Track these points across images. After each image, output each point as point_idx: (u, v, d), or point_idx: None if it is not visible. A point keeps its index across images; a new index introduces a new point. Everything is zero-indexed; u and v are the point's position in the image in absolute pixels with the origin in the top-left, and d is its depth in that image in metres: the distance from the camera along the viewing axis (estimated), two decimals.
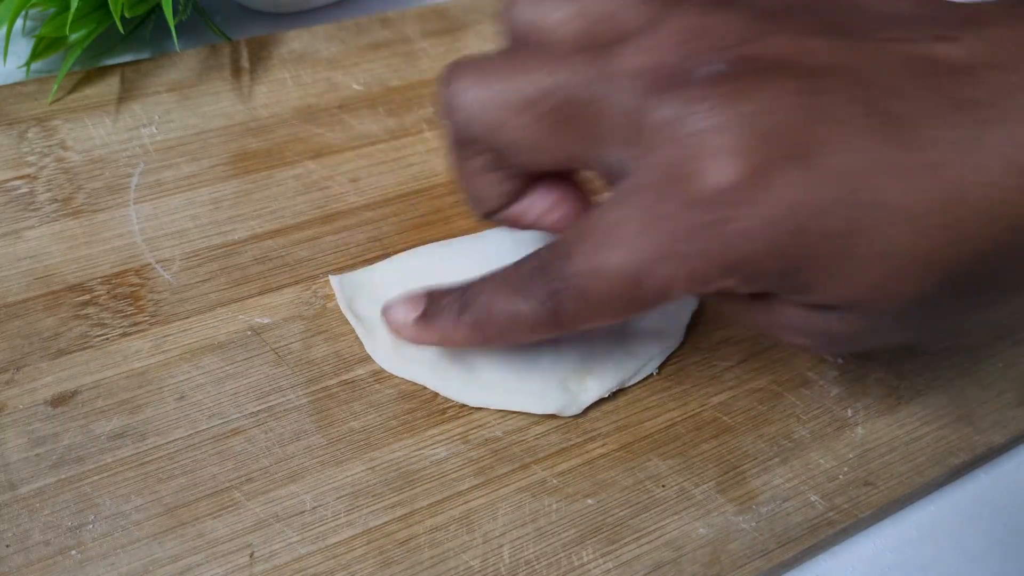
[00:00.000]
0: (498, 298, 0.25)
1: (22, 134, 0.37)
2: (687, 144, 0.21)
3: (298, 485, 0.27)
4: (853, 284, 0.22)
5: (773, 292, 0.23)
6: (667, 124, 0.22)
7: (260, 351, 0.30)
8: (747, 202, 0.21)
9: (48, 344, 0.30)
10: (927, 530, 0.29)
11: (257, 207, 0.35)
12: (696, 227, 0.21)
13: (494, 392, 0.30)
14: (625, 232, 0.22)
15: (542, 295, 0.24)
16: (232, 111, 0.39)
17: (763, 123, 0.21)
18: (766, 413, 0.30)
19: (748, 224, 0.21)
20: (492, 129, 0.24)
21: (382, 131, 0.39)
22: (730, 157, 0.21)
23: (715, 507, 0.28)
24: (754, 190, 0.21)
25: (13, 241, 0.33)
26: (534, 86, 0.24)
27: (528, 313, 0.25)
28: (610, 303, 0.24)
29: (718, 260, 0.22)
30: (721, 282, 0.22)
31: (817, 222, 0.21)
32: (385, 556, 0.26)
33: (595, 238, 0.23)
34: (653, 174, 0.22)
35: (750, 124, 0.21)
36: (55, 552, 0.25)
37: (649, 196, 0.22)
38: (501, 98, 0.24)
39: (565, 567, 0.26)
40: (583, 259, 0.23)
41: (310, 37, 0.44)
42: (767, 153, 0.21)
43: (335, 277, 0.33)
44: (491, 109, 0.24)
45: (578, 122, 0.24)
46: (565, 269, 0.24)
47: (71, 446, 0.27)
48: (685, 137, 0.21)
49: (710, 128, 0.21)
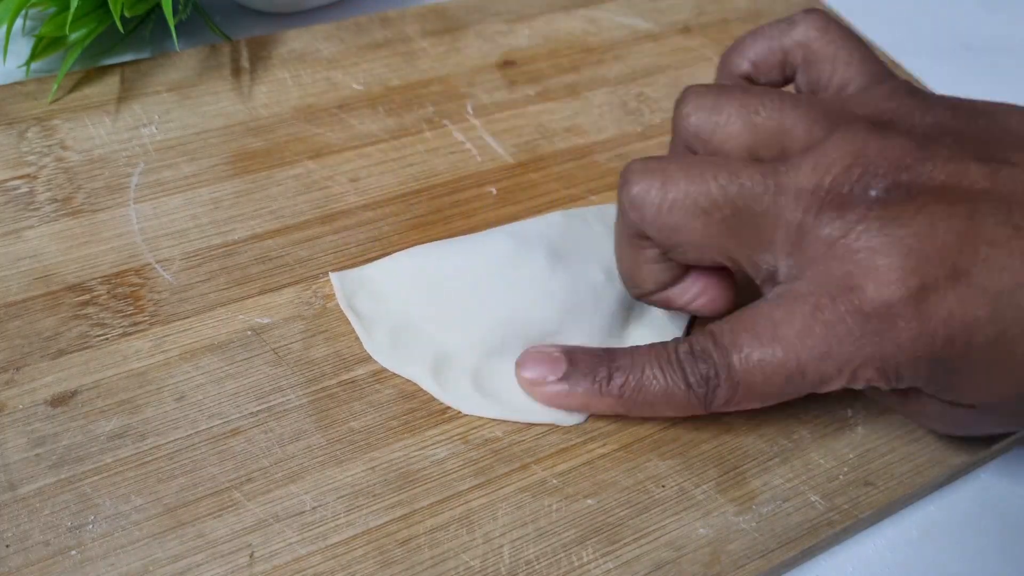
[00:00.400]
0: (649, 375, 0.28)
1: (22, 134, 0.37)
2: (851, 261, 0.25)
3: (298, 485, 0.27)
4: (992, 389, 0.25)
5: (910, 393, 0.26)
6: (831, 241, 0.25)
7: (260, 351, 0.30)
8: (907, 316, 0.24)
9: (48, 344, 0.30)
10: (927, 530, 0.29)
11: (257, 207, 0.35)
12: (858, 334, 0.25)
13: (493, 401, 0.30)
14: (789, 332, 0.26)
15: (697, 379, 0.27)
16: (232, 111, 0.39)
17: (921, 247, 0.24)
18: (766, 413, 0.30)
19: (906, 335, 0.24)
20: (669, 230, 0.27)
21: (382, 131, 0.39)
22: (893, 276, 0.24)
23: (715, 507, 0.28)
24: (913, 306, 0.24)
25: (13, 241, 0.33)
26: (712, 195, 0.26)
27: (680, 395, 0.27)
28: (765, 393, 0.27)
29: (875, 364, 0.25)
30: (874, 382, 0.26)
31: (968, 335, 0.24)
32: (385, 556, 0.26)
33: (758, 334, 0.26)
34: (816, 284, 0.25)
35: (910, 247, 0.24)
36: (55, 552, 0.25)
37: (812, 303, 0.25)
38: (681, 205, 0.26)
39: (565, 567, 0.26)
40: (747, 352, 0.26)
41: (310, 37, 0.44)
42: (925, 275, 0.24)
43: (335, 274, 0.33)
44: (671, 213, 0.27)
45: (746, 229, 0.26)
46: (727, 359, 0.26)
47: (71, 446, 0.27)
48: (848, 255, 0.25)
49: (873, 248, 0.25)
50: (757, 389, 0.27)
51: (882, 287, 0.24)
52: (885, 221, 0.25)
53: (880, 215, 0.25)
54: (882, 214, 0.25)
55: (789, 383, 0.26)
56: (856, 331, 0.25)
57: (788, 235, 0.26)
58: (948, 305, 0.24)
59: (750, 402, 0.27)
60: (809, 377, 0.26)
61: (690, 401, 0.27)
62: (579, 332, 0.31)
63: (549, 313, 0.31)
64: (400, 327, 0.31)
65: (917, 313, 0.24)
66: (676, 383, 0.27)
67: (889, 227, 0.25)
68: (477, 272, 0.32)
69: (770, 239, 0.26)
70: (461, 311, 0.31)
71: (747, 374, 0.26)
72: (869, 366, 0.25)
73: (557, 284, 0.31)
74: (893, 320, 0.24)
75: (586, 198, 0.37)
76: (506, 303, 0.31)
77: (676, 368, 0.27)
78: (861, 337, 0.25)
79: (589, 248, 0.33)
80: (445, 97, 0.41)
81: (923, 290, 0.24)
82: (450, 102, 0.41)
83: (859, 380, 0.26)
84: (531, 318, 0.31)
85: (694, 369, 0.27)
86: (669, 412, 0.28)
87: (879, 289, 0.24)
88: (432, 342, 0.31)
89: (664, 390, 0.28)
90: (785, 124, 0.27)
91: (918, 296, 0.24)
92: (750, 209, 0.26)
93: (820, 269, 0.25)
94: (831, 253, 0.25)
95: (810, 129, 0.27)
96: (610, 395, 0.28)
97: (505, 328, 0.31)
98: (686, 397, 0.27)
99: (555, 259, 0.32)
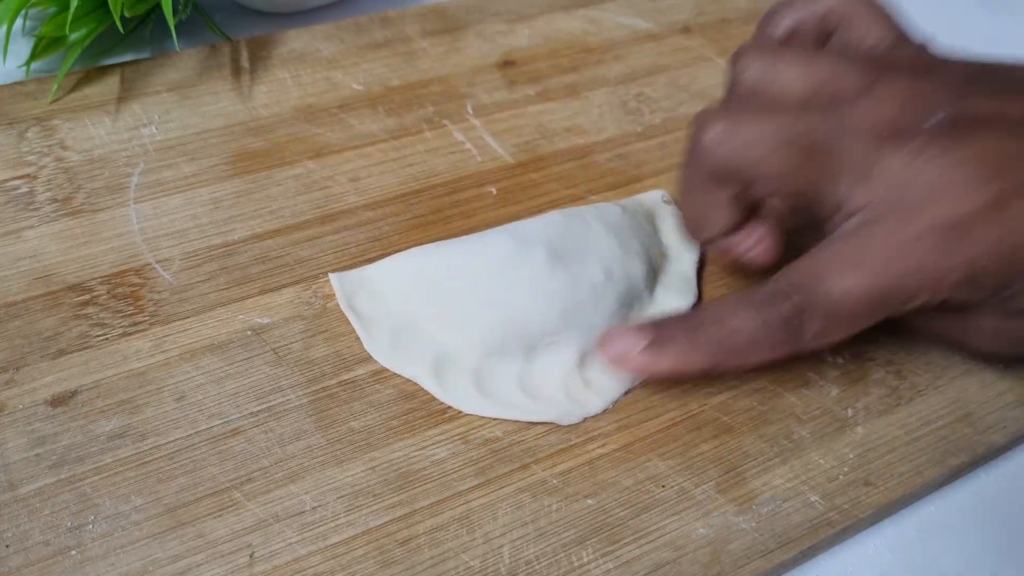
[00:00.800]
0: (737, 319, 0.28)
1: (22, 134, 0.37)
2: (920, 183, 0.27)
3: (298, 485, 0.27)
4: None
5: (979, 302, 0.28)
6: (898, 169, 0.27)
7: (260, 351, 0.30)
8: (986, 222, 0.26)
9: (48, 344, 0.30)
10: (927, 530, 0.29)
11: (257, 207, 0.35)
12: (941, 247, 0.27)
13: (494, 400, 0.30)
14: (871, 257, 0.27)
15: (787, 314, 0.28)
16: (232, 111, 0.39)
17: (987, 162, 0.27)
18: (766, 413, 0.30)
19: (988, 241, 0.26)
20: (753, 164, 0.29)
21: (382, 131, 0.39)
22: (966, 189, 0.27)
23: (715, 507, 0.28)
24: (990, 213, 0.26)
25: (13, 241, 0.33)
26: (785, 133, 0.28)
27: (770, 336, 0.28)
28: (854, 321, 0.28)
29: (958, 273, 0.27)
30: (953, 291, 0.27)
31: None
32: (385, 556, 0.26)
33: (840, 264, 0.28)
34: (890, 208, 0.27)
35: (975, 163, 0.27)
36: (55, 552, 0.25)
37: (889, 227, 0.27)
38: (760, 142, 0.29)
39: (565, 567, 0.26)
40: (831, 283, 0.27)
41: (310, 37, 0.44)
42: (1001, 184, 0.26)
43: (335, 275, 0.33)
44: (751, 149, 0.29)
45: (817, 163, 0.28)
46: (812, 293, 0.28)
47: (71, 446, 0.27)
48: (916, 178, 0.27)
49: (939, 169, 0.27)
50: (846, 317, 0.28)
51: (957, 200, 0.27)
52: (944, 147, 0.27)
53: (938, 142, 0.27)
54: (940, 141, 0.27)
55: (876, 306, 0.28)
56: (939, 244, 0.27)
57: (855, 168, 0.28)
58: (1020, 211, 0.26)
59: (839, 331, 0.28)
60: (896, 296, 0.27)
61: (780, 341, 0.28)
62: (579, 332, 0.31)
63: (549, 313, 0.31)
64: (400, 327, 0.31)
65: (996, 218, 0.26)
66: (764, 325, 0.28)
67: (950, 151, 0.27)
68: (477, 272, 0.32)
69: (839, 171, 0.28)
70: (461, 311, 0.31)
71: (835, 304, 0.27)
72: (953, 275, 0.27)
73: (557, 284, 0.31)
74: (972, 228, 0.26)
75: (586, 198, 0.37)
76: (506, 303, 0.31)
77: (761, 311, 0.28)
78: (943, 249, 0.27)
79: (589, 247, 0.33)
80: (445, 97, 0.41)
81: (997, 201, 0.26)
82: (450, 102, 0.41)
83: (943, 292, 0.27)
84: (531, 318, 0.31)
85: (780, 308, 0.28)
86: (760, 356, 0.29)
87: (955, 202, 0.27)
88: (432, 342, 0.31)
89: (753, 334, 0.28)
90: (836, 73, 0.29)
91: (994, 203, 0.26)
92: (822, 143, 0.28)
93: (893, 194, 0.27)
94: (901, 179, 0.27)
95: (859, 77, 0.29)
96: (700, 350, 0.28)
97: (505, 328, 0.31)
98: (776, 337, 0.28)
99: (555, 259, 0.32)
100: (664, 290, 0.34)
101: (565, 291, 0.31)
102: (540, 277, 0.31)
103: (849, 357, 0.32)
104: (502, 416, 0.29)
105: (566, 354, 0.31)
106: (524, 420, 0.29)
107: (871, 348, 0.33)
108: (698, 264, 0.35)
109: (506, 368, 0.30)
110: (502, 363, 0.30)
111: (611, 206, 0.35)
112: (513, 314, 0.31)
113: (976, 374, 0.32)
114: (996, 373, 0.32)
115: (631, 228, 0.34)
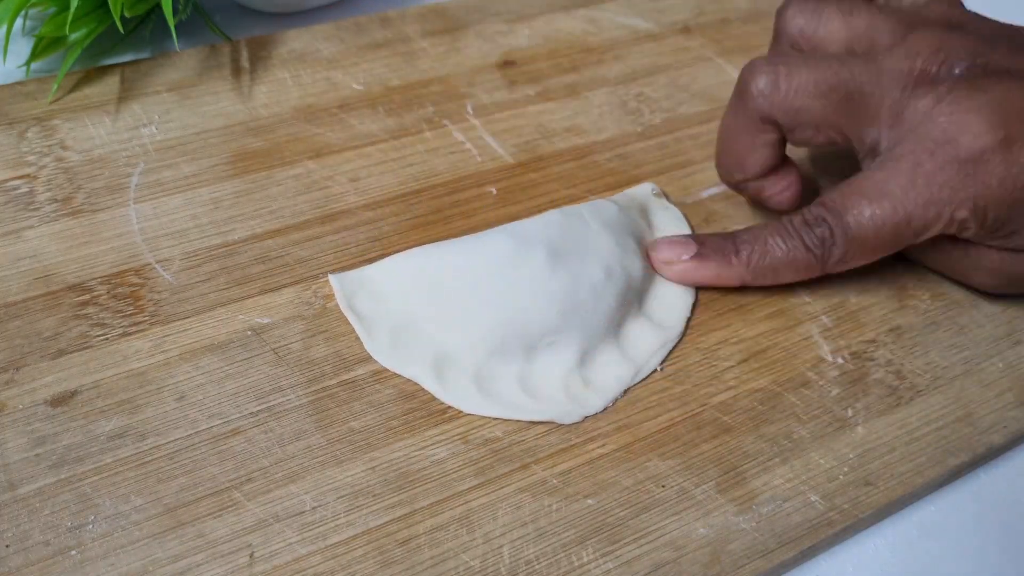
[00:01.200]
0: (771, 243, 0.33)
1: (22, 134, 0.37)
2: (944, 122, 0.30)
3: (298, 485, 0.27)
4: None
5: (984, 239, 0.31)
6: (926, 110, 0.31)
7: (260, 351, 0.30)
8: (995, 161, 0.30)
9: (48, 344, 0.30)
10: (927, 530, 0.29)
11: (257, 207, 0.35)
12: (955, 180, 0.30)
13: (494, 400, 0.30)
14: (894, 187, 0.31)
15: (815, 241, 0.32)
16: (232, 111, 0.39)
17: (1003, 107, 0.30)
18: (766, 413, 0.30)
19: (996, 177, 0.30)
20: (795, 111, 0.32)
21: (382, 131, 0.39)
22: (983, 128, 0.30)
23: (715, 507, 0.28)
24: (1001, 152, 0.30)
25: (13, 241, 0.33)
26: (829, 81, 0.32)
27: (800, 257, 0.32)
28: (876, 246, 0.32)
29: (968, 205, 0.30)
30: (964, 224, 0.31)
31: None
32: (385, 556, 0.26)
33: (866, 194, 0.31)
34: (915, 145, 0.31)
35: (994, 107, 0.30)
36: (55, 552, 0.25)
37: (913, 160, 0.31)
38: (804, 89, 0.32)
39: (565, 567, 0.26)
40: (857, 211, 0.31)
41: (310, 37, 0.44)
42: (1009, 127, 0.30)
43: (335, 276, 0.33)
44: (797, 96, 0.32)
45: (856, 108, 0.32)
46: (840, 219, 0.31)
47: (71, 446, 0.27)
48: (941, 117, 0.30)
49: (963, 110, 0.30)
50: (869, 243, 0.31)
51: (974, 137, 0.30)
52: (970, 91, 0.30)
53: (965, 87, 0.31)
54: (966, 86, 0.31)
55: (896, 233, 0.31)
56: (954, 177, 0.30)
57: (889, 110, 0.32)
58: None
59: (862, 256, 0.32)
60: (913, 224, 0.31)
61: (809, 262, 0.32)
62: (579, 330, 0.31)
63: (549, 312, 0.31)
64: (401, 327, 0.31)
65: (1004, 158, 0.30)
66: (796, 247, 0.32)
67: (974, 95, 0.30)
68: (477, 272, 0.32)
69: (875, 115, 0.32)
70: (461, 311, 0.31)
71: (859, 229, 0.31)
72: (964, 207, 0.30)
73: (557, 283, 0.31)
74: (984, 164, 0.30)
75: (586, 198, 0.37)
76: (506, 303, 0.31)
77: (795, 234, 0.32)
78: (958, 182, 0.30)
79: (588, 246, 0.33)
80: (445, 97, 0.41)
81: (1008, 139, 0.30)
82: (450, 102, 0.41)
83: (954, 223, 0.31)
84: (531, 317, 0.31)
85: (811, 233, 0.32)
86: (790, 276, 0.33)
87: (972, 139, 0.30)
88: (433, 342, 0.31)
89: (786, 255, 0.32)
90: (875, 24, 0.33)
91: (1004, 143, 0.30)
92: (860, 90, 0.32)
93: (918, 133, 0.31)
94: (926, 119, 0.31)
95: (895, 28, 0.33)
96: (738, 265, 0.33)
97: (505, 328, 0.31)
98: (805, 259, 0.32)
99: (555, 258, 0.32)
100: (663, 287, 0.34)
101: (565, 291, 0.31)
102: (540, 277, 0.31)
103: (849, 357, 0.32)
104: (503, 416, 0.29)
105: (566, 353, 0.31)
106: (524, 420, 0.29)
107: (871, 348, 0.33)
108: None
109: (506, 368, 0.30)
110: (502, 363, 0.30)
111: (607, 203, 0.35)
112: (513, 314, 0.31)
113: (975, 373, 0.32)
114: (995, 372, 0.32)
115: (628, 225, 0.34)
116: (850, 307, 0.34)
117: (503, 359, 0.30)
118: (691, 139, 0.41)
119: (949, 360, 0.33)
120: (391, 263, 0.33)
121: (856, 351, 0.33)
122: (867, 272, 0.35)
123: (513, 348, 0.31)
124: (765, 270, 0.33)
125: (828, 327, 0.33)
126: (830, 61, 0.32)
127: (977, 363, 0.33)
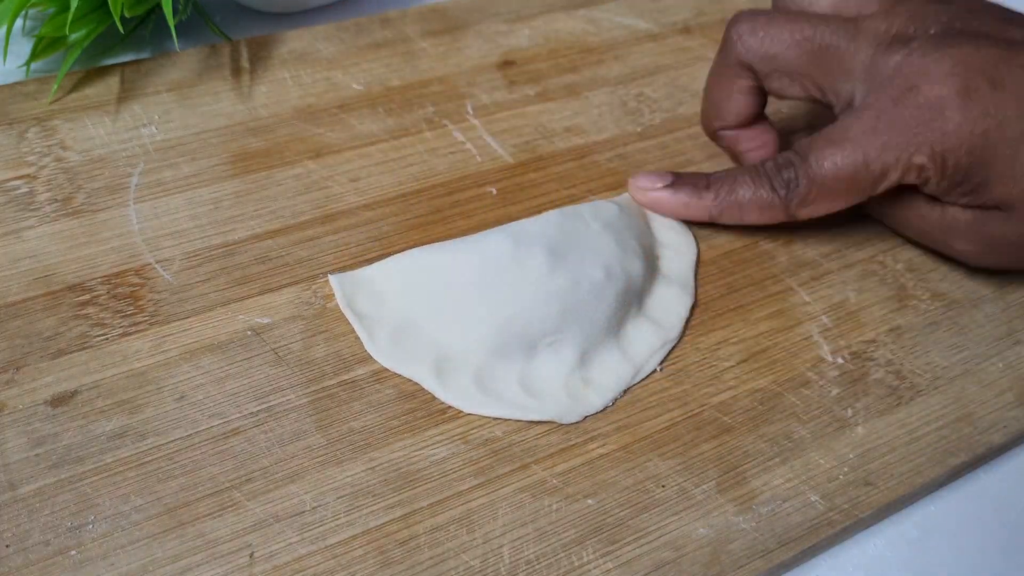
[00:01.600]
0: (740, 183, 0.35)
1: (22, 134, 0.37)
2: (910, 72, 0.32)
3: (298, 485, 0.27)
4: (1018, 183, 0.31)
5: (950, 194, 0.32)
6: (897, 64, 0.32)
7: (260, 351, 0.30)
8: (952, 108, 0.31)
9: (48, 344, 0.30)
10: (927, 530, 0.29)
11: (257, 207, 0.35)
12: (914, 124, 0.31)
13: (495, 399, 0.30)
14: (855, 133, 0.32)
15: (780, 182, 0.34)
16: (232, 111, 0.39)
17: (967, 60, 0.31)
18: (766, 413, 0.30)
19: (952, 124, 0.31)
20: (773, 57, 0.34)
21: (382, 131, 0.39)
22: (944, 77, 0.31)
23: (715, 507, 0.28)
24: (959, 101, 0.31)
25: (13, 241, 0.33)
26: (805, 32, 0.34)
27: (766, 198, 0.34)
28: (836, 189, 0.33)
29: (926, 149, 0.31)
30: (923, 172, 0.32)
31: (1000, 130, 0.30)
32: (385, 556, 0.26)
33: (832, 139, 0.32)
34: (880, 93, 0.32)
35: (957, 59, 0.31)
36: (55, 552, 0.25)
37: (878, 107, 0.32)
38: (779, 37, 0.34)
39: (565, 567, 0.26)
40: (820, 155, 0.32)
41: (310, 37, 0.44)
42: (969, 79, 0.31)
43: (334, 276, 0.33)
44: (772, 43, 0.34)
45: (830, 59, 0.34)
46: (805, 162, 0.33)
47: (71, 446, 0.27)
48: (908, 67, 0.32)
49: (928, 61, 0.31)
50: (828, 184, 0.33)
51: (935, 85, 0.31)
52: (938, 46, 0.32)
53: (936, 43, 0.32)
54: (937, 42, 0.32)
55: (854, 175, 0.32)
56: (911, 122, 0.31)
57: (863, 65, 0.33)
58: (985, 103, 0.30)
59: (824, 200, 0.33)
60: (872, 167, 0.32)
61: (773, 202, 0.34)
62: (579, 330, 0.31)
63: (549, 312, 0.31)
64: (401, 327, 0.31)
65: (961, 106, 0.31)
66: (763, 187, 0.34)
67: (942, 48, 0.31)
68: (477, 272, 0.32)
69: (849, 69, 0.33)
70: (461, 311, 0.31)
71: (819, 170, 0.32)
72: (922, 152, 0.31)
73: (557, 284, 0.31)
74: (942, 111, 0.31)
75: (586, 198, 0.37)
76: (506, 303, 0.31)
77: (763, 177, 0.34)
78: (915, 126, 0.31)
79: (588, 246, 0.33)
80: (445, 97, 0.41)
81: (966, 90, 0.31)
82: (450, 102, 0.41)
83: (913, 169, 0.32)
84: (531, 317, 0.31)
85: (778, 176, 0.34)
86: (755, 216, 0.35)
87: (932, 87, 0.31)
88: (433, 342, 0.31)
89: (753, 194, 0.34)
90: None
91: (962, 93, 0.31)
92: (835, 45, 0.33)
93: (886, 84, 0.32)
94: (895, 72, 0.32)
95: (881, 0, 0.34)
96: (706, 197, 0.35)
97: (505, 327, 0.31)
98: (770, 198, 0.34)
99: (554, 258, 0.32)
100: (662, 288, 0.34)
101: (565, 290, 0.31)
102: (540, 277, 0.31)
103: (849, 357, 0.32)
104: (504, 415, 0.29)
105: (566, 353, 0.31)
106: (525, 419, 0.29)
107: (871, 348, 0.33)
108: (695, 263, 0.35)
109: (507, 367, 0.30)
110: (502, 363, 0.30)
111: (607, 203, 0.35)
112: (513, 314, 0.31)
113: (975, 373, 0.32)
114: (995, 372, 0.32)
115: (628, 226, 0.34)
116: (850, 307, 0.34)
117: (503, 359, 0.30)
118: (691, 139, 0.41)
119: (949, 360, 0.33)
120: (391, 263, 0.33)
121: (856, 351, 0.33)
122: (867, 272, 0.35)
123: (513, 348, 0.31)
124: (732, 207, 0.35)
125: (828, 327, 0.33)
126: (809, 16, 0.34)
127: (977, 363, 0.33)
